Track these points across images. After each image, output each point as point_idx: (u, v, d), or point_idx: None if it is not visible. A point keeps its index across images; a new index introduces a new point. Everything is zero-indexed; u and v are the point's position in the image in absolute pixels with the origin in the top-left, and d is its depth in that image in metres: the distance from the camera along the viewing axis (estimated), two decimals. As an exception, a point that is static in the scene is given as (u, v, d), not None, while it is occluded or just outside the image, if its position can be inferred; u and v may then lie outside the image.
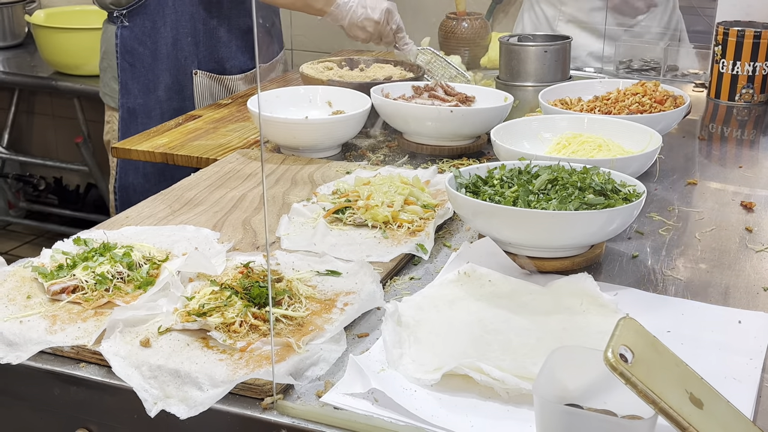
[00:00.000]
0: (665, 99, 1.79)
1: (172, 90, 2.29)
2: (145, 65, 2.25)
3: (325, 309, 1.16)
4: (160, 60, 2.26)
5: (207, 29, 2.30)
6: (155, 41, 2.24)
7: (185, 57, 2.29)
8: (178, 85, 2.30)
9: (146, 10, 2.21)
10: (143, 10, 2.21)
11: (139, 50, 2.23)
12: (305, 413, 0.97)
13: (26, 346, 1.09)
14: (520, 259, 1.28)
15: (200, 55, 2.31)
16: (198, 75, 2.31)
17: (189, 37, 2.28)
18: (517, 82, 2.14)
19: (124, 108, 2.26)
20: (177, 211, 1.51)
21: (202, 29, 2.30)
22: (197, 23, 2.28)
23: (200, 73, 2.32)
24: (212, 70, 2.34)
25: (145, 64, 2.25)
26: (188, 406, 0.98)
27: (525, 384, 0.98)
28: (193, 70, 2.30)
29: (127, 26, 2.22)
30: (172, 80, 2.28)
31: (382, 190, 1.47)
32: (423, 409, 0.97)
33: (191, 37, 2.28)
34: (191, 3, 2.26)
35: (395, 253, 1.34)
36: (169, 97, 2.29)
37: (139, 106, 2.26)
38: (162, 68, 2.26)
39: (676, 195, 1.63)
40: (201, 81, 2.32)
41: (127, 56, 2.23)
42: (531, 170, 1.39)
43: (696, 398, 0.88)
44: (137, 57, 2.24)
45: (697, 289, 1.27)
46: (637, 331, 0.91)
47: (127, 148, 1.90)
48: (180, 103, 2.30)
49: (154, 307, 1.15)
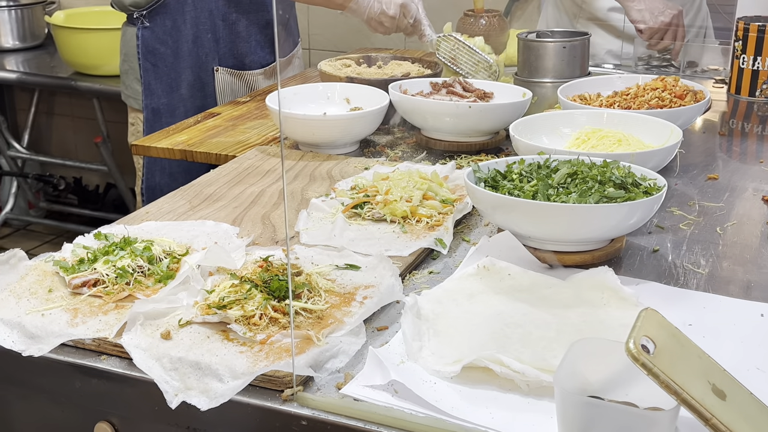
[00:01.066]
0: (685, 94, 1.78)
1: (194, 87, 2.30)
2: (167, 64, 2.26)
3: (344, 302, 1.16)
4: (182, 58, 2.27)
5: (226, 25, 2.31)
6: (176, 40, 2.25)
7: (206, 54, 2.30)
8: (200, 82, 2.31)
9: (166, 10, 2.22)
10: (163, 10, 2.22)
11: (160, 50, 2.24)
12: (325, 405, 0.97)
13: (48, 338, 1.10)
14: (542, 253, 1.28)
15: (220, 52, 2.32)
16: (219, 71, 2.32)
17: (209, 33, 2.29)
18: (535, 78, 2.13)
19: (148, 109, 2.27)
20: (196, 207, 1.51)
21: (221, 25, 2.30)
22: (216, 19, 2.29)
23: (221, 70, 2.33)
24: (232, 66, 2.35)
25: (167, 63, 2.26)
26: (209, 398, 0.99)
27: (545, 376, 0.98)
28: (214, 66, 2.31)
29: (147, 27, 2.23)
30: (194, 78, 2.30)
31: (400, 185, 1.47)
32: (443, 401, 0.97)
33: (211, 34, 2.29)
34: (210, 1, 2.27)
35: (414, 248, 1.33)
36: (191, 95, 2.30)
37: (163, 106, 2.27)
38: (184, 66, 2.28)
39: (697, 190, 1.61)
40: (222, 77, 2.33)
41: (149, 57, 2.24)
42: (550, 164, 1.38)
43: (719, 389, 0.87)
44: (159, 57, 2.25)
45: (719, 283, 1.26)
46: (659, 323, 0.90)
47: (147, 145, 1.91)
48: (202, 100, 2.31)
49: (175, 300, 1.15)
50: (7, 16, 3.74)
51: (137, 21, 2.23)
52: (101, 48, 3.31)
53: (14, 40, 3.78)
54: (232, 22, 2.32)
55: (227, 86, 2.35)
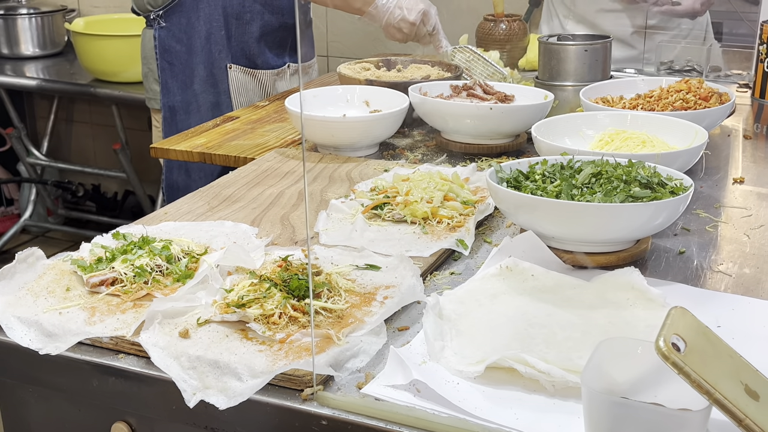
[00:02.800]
0: (710, 96, 1.76)
1: (207, 83, 2.31)
2: (182, 62, 2.28)
3: (364, 302, 1.14)
4: (195, 54, 2.28)
5: (240, 24, 2.31)
6: (190, 36, 2.27)
7: (219, 51, 2.30)
8: (212, 78, 2.31)
9: (182, 8, 2.25)
10: (179, 9, 2.25)
11: (176, 48, 2.27)
12: (346, 404, 0.95)
13: (65, 337, 1.08)
14: (566, 254, 1.26)
15: (233, 50, 2.32)
16: (233, 69, 2.32)
17: (222, 30, 2.29)
18: (556, 81, 2.11)
19: (165, 107, 2.29)
20: (215, 208, 1.50)
21: (235, 24, 2.30)
22: (230, 17, 2.29)
23: (234, 67, 2.32)
24: (245, 65, 2.35)
25: (182, 61, 2.28)
26: (227, 397, 0.97)
27: (571, 376, 0.96)
28: (227, 64, 2.31)
29: (164, 26, 2.25)
30: (207, 73, 2.30)
31: (421, 186, 1.45)
32: (466, 401, 0.94)
33: (224, 31, 2.30)
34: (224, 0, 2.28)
35: (435, 248, 1.32)
36: (204, 90, 2.31)
37: (178, 103, 2.29)
38: (197, 62, 2.29)
39: (723, 193, 1.59)
40: (235, 75, 2.33)
41: (165, 55, 2.26)
42: (573, 165, 1.36)
43: (751, 390, 0.85)
44: (175, 55, 2.27)
45: (748, 285, 1.23)
46: (689, 321, 0.88)
47: (166, 148, 1.91)
48: (215, 97, 2.32)
49: (193, 299, 1.14)
50: (27, 24, 3.76)
51: (154, 22, 2.26)
52: (120, 55, 3.32)
53: (34, 47, 3.80)
54: (246, 21, 2.32)
55: (240, 84, 2.35)
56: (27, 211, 4.07)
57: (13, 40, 3.76)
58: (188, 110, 2.29)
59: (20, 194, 4.15)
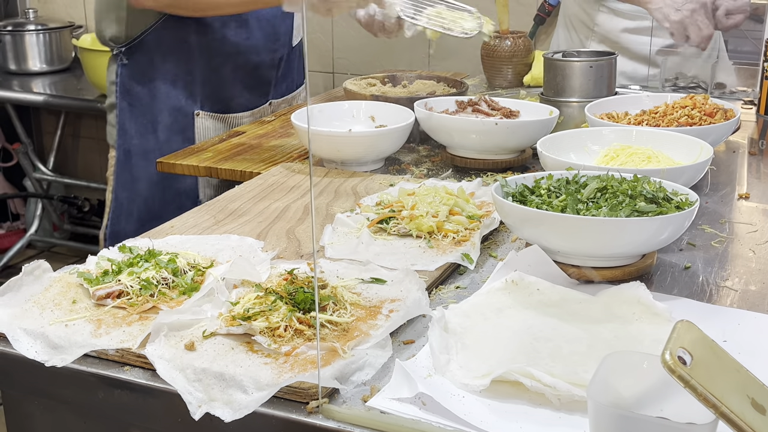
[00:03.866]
0: (715, 112, 1.76)
1: (171, 131, 2.13)
2: (143, 104, 2.11)
3: (370, 315, 1.14)
4: (159, 99, 2.11)
5: (211, 67, 2.13)
6: (152, 80, 2.10)
7: (186, 96, 2.13)
8: (177, 125, 2.13)
9: (144, 48, 2.07)
10: (141, 48, 2.08)
11: (136, 89, 2.10)
12: (351, 417, 0.95)
13: (71, 349, 1.09)
14: (572, 268, 1.26)
15: (203, 94, 2.15)
16: (200, 116, 2.15)
17: (189, 75, 2.12)
18: (561, 97, 2.11)
19: (120, 149, 2.14)
20: (221, 222, 1.51)
21: (205, 68, 2.13)
22: (199, 61, 2.11)
23: (203, 114, 2.15)
24: (216, 110, 2.18)
25: (143, 104, 2.11)
26: (233, 409, 0.97)
27: (577, 390, 0.95)
28: (195, 111, 2.14)
29: (126, 64, 2.08)
30: (172, 120, 2.13)
31: (426, 201, 1.46)
32: (472, 414, 0.94)
33: (192, 76, 2.12)
34: (193, 41, 2.09)
35: (440, 263, 1.32)
36: (168, 139, 2.13)
37: (135, 147, 2.12)
38: (161, 108, 2.11)
39: (728, 208, 1.59)
40: (203, 123, 2.16)
41: (126, 96, 2.10)
42: (579, 180, 1.36)
43: (758, 404, 0.84)
44: (135, 97, 2.10)
45: (754, 301, 1.23)
46: (696, 335, 0.88)
47: (172, 162, 1.91)
48: (180, 144, 2.12)
49: (199, 311, 1.14)
50: (35, 40, 3.78)
51: (117, 58, 2.10)
52: (127, 70, 3.33)
53: (42, 63, 3.82)
54: (217, 66, 2.14)
55: (209, 131, 2.17)
56: (33, 226, 4.08)
57: (21, 56, 3.79)
58: (147, 157, 2.11)
59: (26, 209, 4.17)
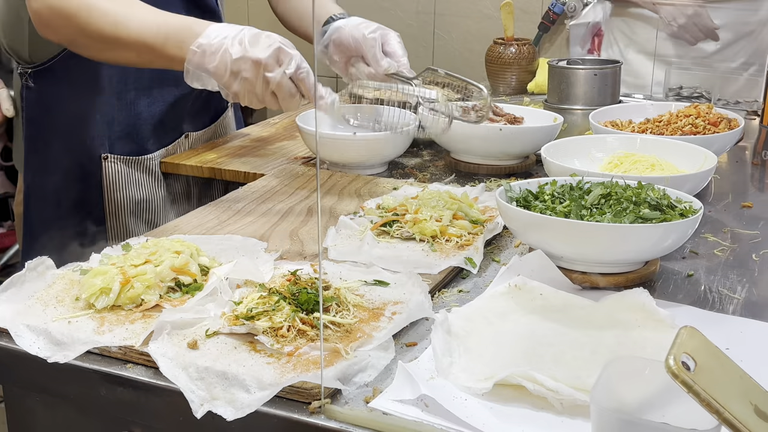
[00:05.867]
0: (719, 121, 1.76)
1: (72, 176, 1.81)
2: (44, 140, 1.80)
3: (373, 317, 1.15)
4: (62, 138, 1.79)
5: (123, 105, 1.83)
6: (59, 113, 1.78)
7: (92, 138, 1.81)
8: (80, 171, 1.81)
9: (50, 74, 1.76)
10: (48, 74, 1.76)
11: (43, 121, 1.79)
12: (353, 418, 0.95)
13: (74, 345, 1.09)
14: (575, 274, 1.26)
15: (114, 135, 1.83)
16: (108, 160, 1.82)
17: (98, 114, 1.80)
18: (565, 105, 2.12)
19: (26, 183, 1.83)
20: (225, 222, 1.51)
21: (116, 105, 1.82)
22: (110, 97, 1.81)
23: (111, 158, 1.82)
24: (128, 151, 1.85)
25: (45, 139, 1.79)
26: (235, 408, 0.97)
27: (580, 395, 0.95)
28: (102, 154, 1.82)
29: (32, 88, 1.77)
30: (74, 164, 1.81)
31: (430, 205, 1.46)
32: (474, 416, 0.94)
33: (100, 115, 1.81)
34: (105, 72, 1.78)
35: (443, 266, 1.32)
36: (67, 186, 1.81)
37: (35, 185, 1.81)
38: (62, 149, 1.80)
39: (731, 217, 1.59)
40: (112, 167, 1.83)
41: (33, 124, 1.79)
42: (583, 186, 1.36)
43: (761, 411, 0.84)
44: (41, 128, 1.79)
45: (756, 309, 1.23)
46: (699, 341, 0.88)
47: (176, 162, 1.91)
48: (82, 193, 1.82)
49: (202, 310, 1.14)
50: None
51: (22, 77, 1.78)
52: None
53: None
54: (130, 101, 1.83)
55: (119, 176, 1.84)
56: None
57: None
58: (46, 200, 1.81)
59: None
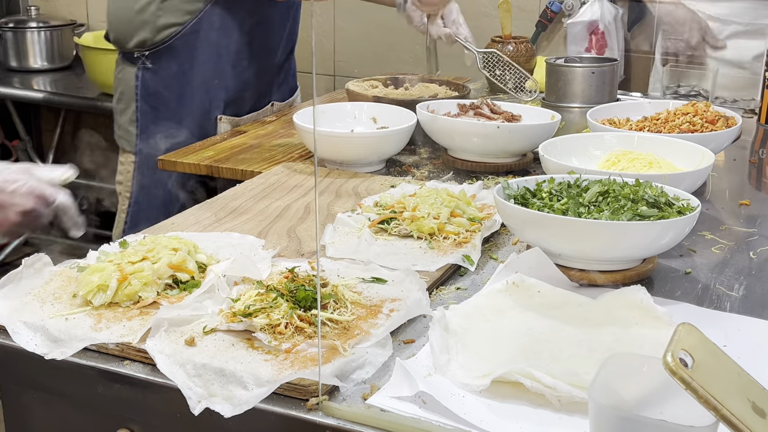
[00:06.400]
0: (717, 119, 1.76)
1: (194, 136, 2.09)
2: (169, 110, 2.09)
3: (370, 314, 1.14)
4: (185, 105, 2.09)
5: (235, 72, 2.15)
6: (182, 84, 2.09)
7: (210, 101, 2.13)
8: (200, 129, 2.12)
9: (172, 52, 2.06)
10: (168, 52, 2.06)
11: (163, 94, 2.08)
12: (351, 414, 0.95)
13: (71, 342, 1.08)
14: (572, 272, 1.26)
15: (227, 99, 2.17)
16: (222, 120, 2.16)
17: (216, 80, 2.12)
18: (563, 103, 2.12)
19: (141, 154, 2.11)
20: (222, 219, 1.51)
21: (231, 72, 2.15)
22: (226, 65, 2.13)
23: (224, 118, 2.16)
24: (234, 113, 2.20)
25: (170, 109, 2.09)
26: (232, 405, 0.97)
27: (577, 392, 0.95)
28: (217, 115, 2.15)
29: (149, 68, 2.06)
30: (195, 125, 2.11)
31: (428, 202, 1.46)
32: (472, 413, 0.94)
33: (219, 80, 2.13)
34: (220, 45, 2.10)
35: (441, 263, 1.32)
36: (188, 142, 2.08)
37: (159, 153, 2.04)
38: (186, 113, 2.10)
39: (728, 215, 1.59)
40: (223, 127, 2.16)
41: (150, 99, 2.08)
42: (581, 184, 1.36)
43: (759, 408, 0.84)
44: (161, 101, 2.08)
45: (754, 306, 1.23)
46: (697, 338, 0.88)
47: (173, 160, 1.91)
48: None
49: (200, 307, 1.14)
50: (36, 38, 3.78)
51: (138, 61, 2.07)
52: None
53: (43, 61, 3.81)
54: (243, 69, 2.16)
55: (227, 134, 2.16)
56: (31, 223, 4.06)
57: (21, 54, 3.78)
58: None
59: (24, 206, 4.15)
